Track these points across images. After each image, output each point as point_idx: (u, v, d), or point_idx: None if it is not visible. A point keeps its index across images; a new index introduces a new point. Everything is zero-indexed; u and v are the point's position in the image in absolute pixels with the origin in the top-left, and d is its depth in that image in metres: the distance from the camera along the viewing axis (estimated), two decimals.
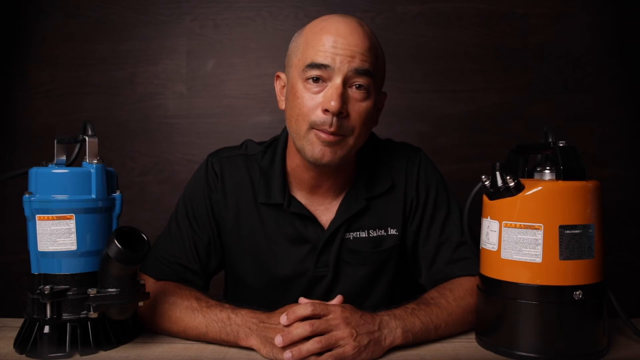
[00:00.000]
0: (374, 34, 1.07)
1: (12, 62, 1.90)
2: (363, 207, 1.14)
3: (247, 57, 1.90)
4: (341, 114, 1.00)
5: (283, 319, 0.91)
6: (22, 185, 0.95)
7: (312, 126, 1.02)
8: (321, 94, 1.01)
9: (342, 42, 1.01)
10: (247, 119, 1.90)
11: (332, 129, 1.00)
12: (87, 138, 0.97)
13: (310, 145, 1.03)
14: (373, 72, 1.03)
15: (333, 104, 0.98)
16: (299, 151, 1.07)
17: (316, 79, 1.01)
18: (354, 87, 1.02)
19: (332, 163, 1.04)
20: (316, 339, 0.89)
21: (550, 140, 0.95)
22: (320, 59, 1.00)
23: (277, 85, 1.15)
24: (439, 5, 1.89)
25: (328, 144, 1.02)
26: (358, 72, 1.01)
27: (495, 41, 1.88)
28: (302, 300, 0.97)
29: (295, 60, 1.06)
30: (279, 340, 0.89)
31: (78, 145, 0.98)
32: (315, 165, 1.07)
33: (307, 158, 1.05)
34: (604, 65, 1.88)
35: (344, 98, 1.00)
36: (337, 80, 1.00)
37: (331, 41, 1.01)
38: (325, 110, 1.00)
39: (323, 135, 1.01)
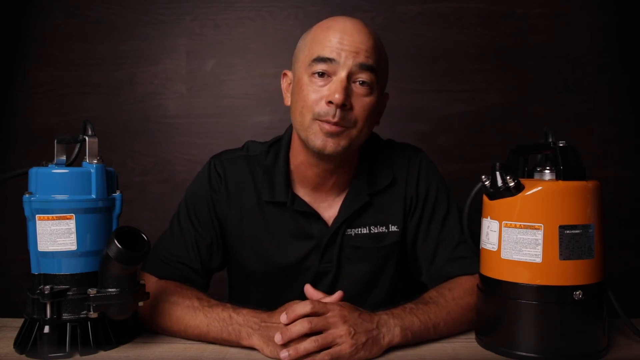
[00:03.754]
0: (378, 36, 1.11)
1: (12, 62, 1.90)
2: (366, 202, 1.15)
3: (247, 57, 1.90)
4: (345, 106, 1.03)
5: (283, 317, 0.92)
6: (22, 185, 0.95)
7: (316, 117, 1.05)
8: (326, 87, 1.05)
9: (348, 38, 1.05)
10: (247, 119, 1.90)
11: (335, 119, 1.03)
12: (87, 138, 0.97)
13: (314, 135, 1.06)
14: (377, 68, 1.06)
15: (337, 97, 1.02)
16: (304, 142, 1.09)
17: (322, 74, 1.05)
18: (357, 82, 1.05)
19: (335, 153, 1.06)
20: (313, 338, 0.89)
21: (550, 140, 0.95)
22: (327, 53, 1.04)
23: (284, 83, 1.17)
24: (439, 5, 1.89)
25: (331, 134, 1.05)
26: (362, 67, 1.04)
27: (495, 41, 1.88)
28: (307, 288, 1.03)
29: (302, 56, 1.09)
30: (278, 337, 0.90)
31: (78, 145, 0.98)
32: (319, 157, 1.09)
33: (311, 148, 1.07)
34: (604, 65, 1.88)
35: (347, 91, 1.04)
36: (342, 74, 1.03)
37: (337, 37, 1.05)
38: (329, 102, 1.03)
39: (326, 126, 1.04)
